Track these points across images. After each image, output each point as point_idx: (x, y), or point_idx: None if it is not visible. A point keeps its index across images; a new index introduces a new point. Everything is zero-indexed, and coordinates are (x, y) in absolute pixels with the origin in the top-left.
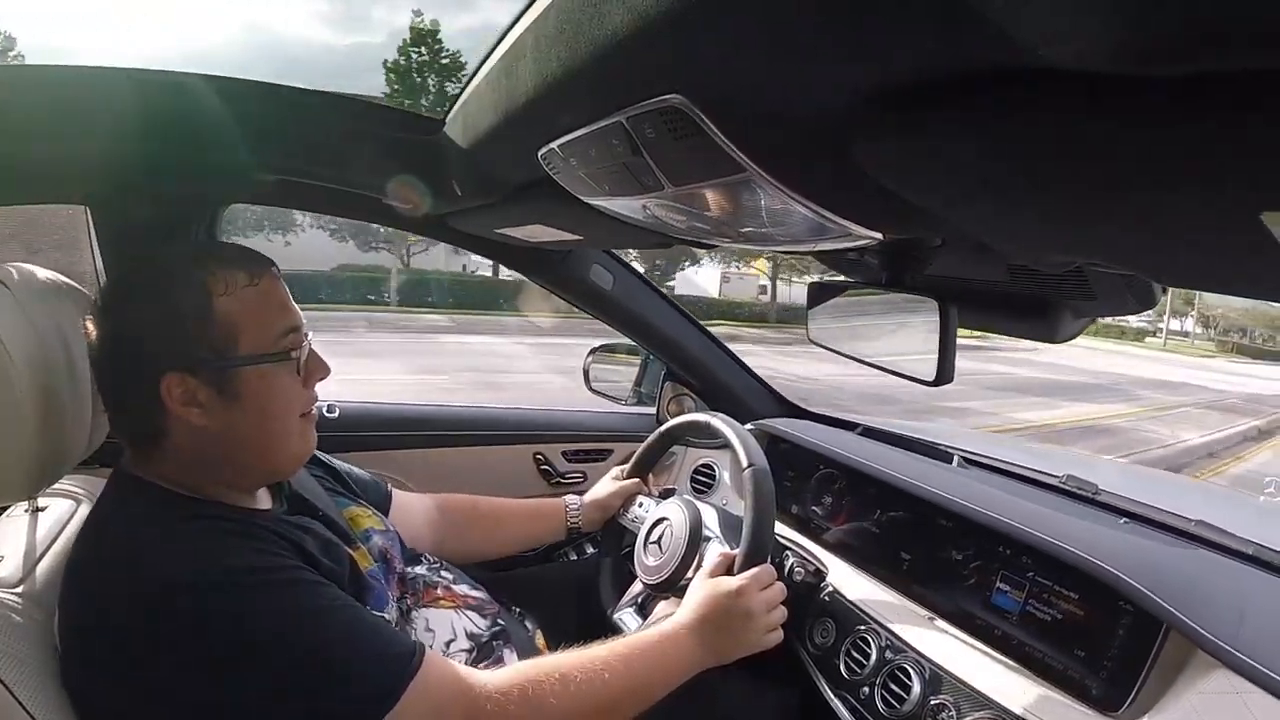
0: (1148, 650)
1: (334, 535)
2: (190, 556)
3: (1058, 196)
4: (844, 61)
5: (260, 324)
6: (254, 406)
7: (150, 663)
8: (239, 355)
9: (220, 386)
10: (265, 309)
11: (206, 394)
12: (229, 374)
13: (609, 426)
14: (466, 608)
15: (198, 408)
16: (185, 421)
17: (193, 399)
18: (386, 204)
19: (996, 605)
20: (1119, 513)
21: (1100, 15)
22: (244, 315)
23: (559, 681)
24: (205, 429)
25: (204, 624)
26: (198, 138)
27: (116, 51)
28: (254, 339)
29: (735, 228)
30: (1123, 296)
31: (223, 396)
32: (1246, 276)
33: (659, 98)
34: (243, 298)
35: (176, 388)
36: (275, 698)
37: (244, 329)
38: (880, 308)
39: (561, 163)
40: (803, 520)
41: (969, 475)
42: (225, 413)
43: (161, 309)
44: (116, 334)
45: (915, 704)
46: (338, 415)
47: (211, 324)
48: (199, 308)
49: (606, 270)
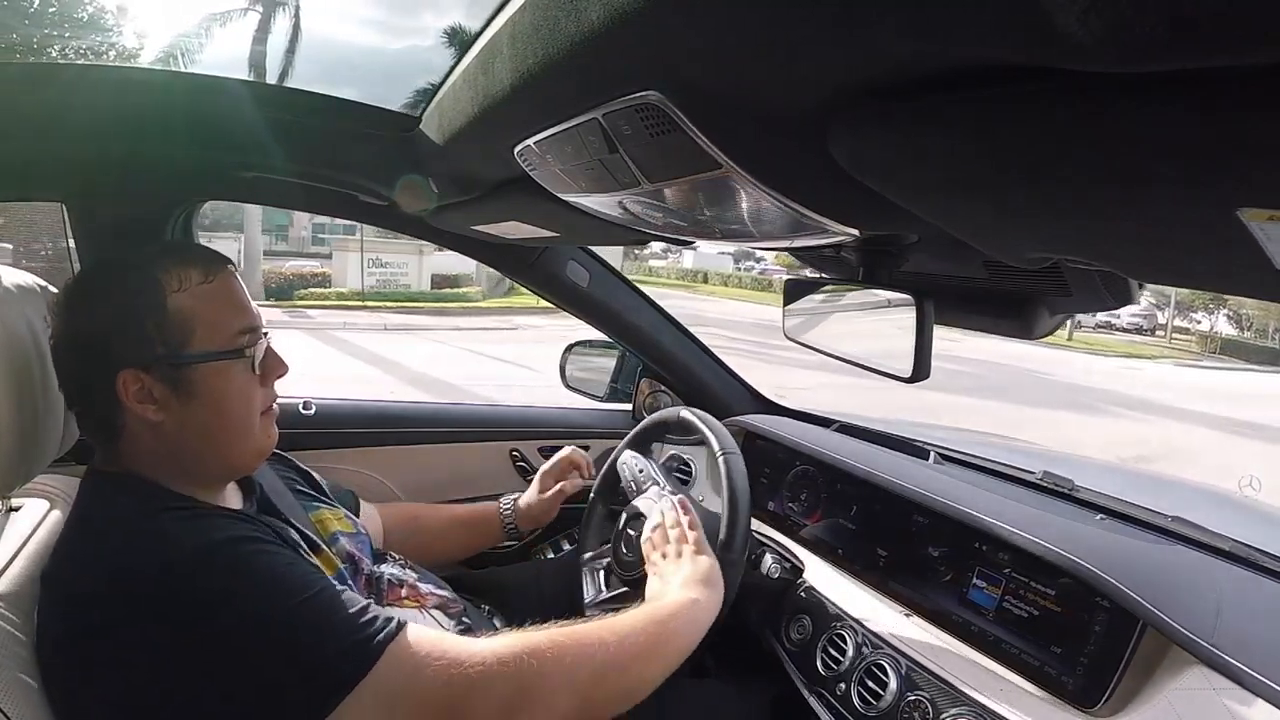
0: (1124, 646)
1: (300, 540)
2: (161, 543)
3: (1034, 193)
4: (822, 58)
5: (215, 321)
6: (210, 403)
7: (128, 654)
8: (193, 352)
9: (175, 383)
10: (220, 307)
11: (161, 390)
12: (184, 371)
13: (585, 423)
14: (432, 606)
15: (153, 404)
16: (142, 418)
17: (148, 396)
18: (363, 201)
19: (973, 601)
20: (1095, 509)
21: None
22: (198, 312)
23: (553, 650)
24: (161, 425)
25: (183, 600)
26: (175, 136)
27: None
28: (208, 336)
29: (712, 224)
30: (1099, 293)
31: (178, 393)
32: (1224, 273)
33: (636, 94)
34: (197, 295)
35: (132, 384)
36: (254, 656)
37: (198, 326)
38: (856, 304)
39: (538, 159)
40: (779, 517)
41: (945, 471)
42: (181, 409)
43: (116, 305)
44: (74, 331)
45: (892, 700)
46: (314, 412)
47: (166, 321)
48: (153, 304)
49: (582, 267)
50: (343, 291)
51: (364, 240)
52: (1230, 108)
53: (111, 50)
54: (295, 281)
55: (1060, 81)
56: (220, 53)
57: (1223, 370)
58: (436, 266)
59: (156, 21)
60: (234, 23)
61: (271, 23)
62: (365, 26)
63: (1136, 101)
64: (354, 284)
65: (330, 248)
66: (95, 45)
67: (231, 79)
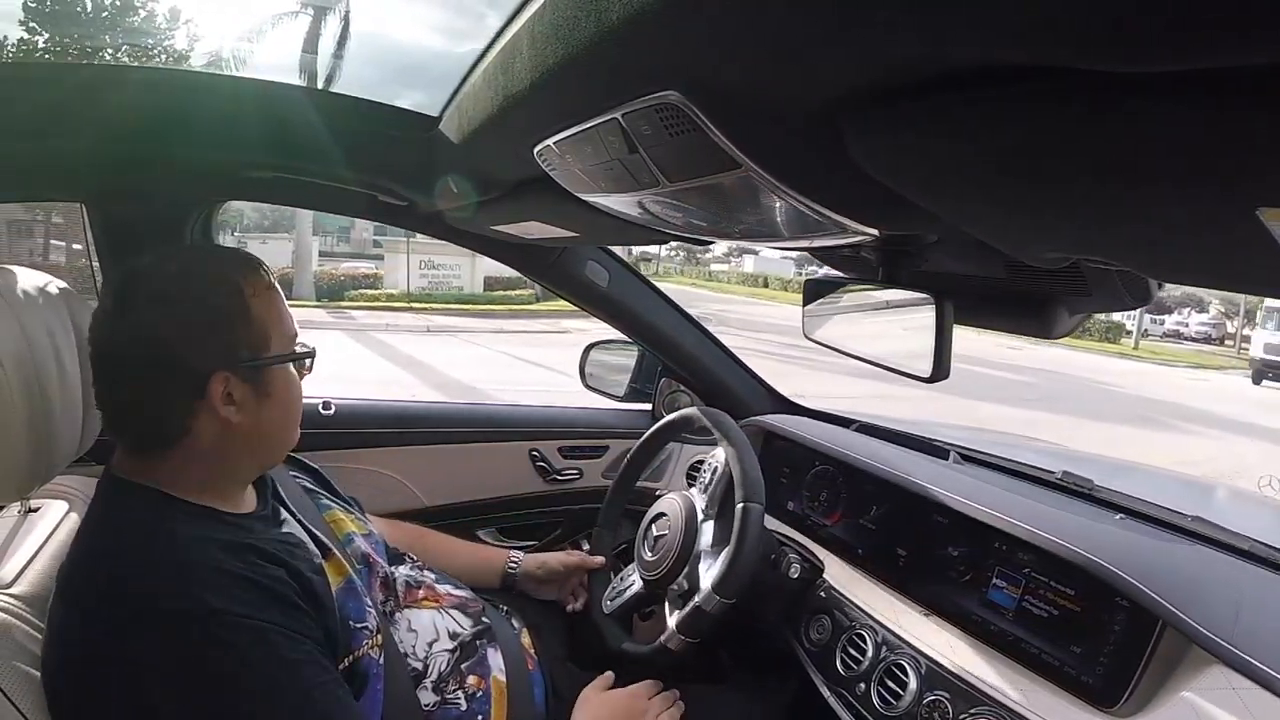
0: (1144, 646)
1: (312, 544)
2: (172, 582)
3: (1050, 192)
4: (837, 58)
5: (282, 325)
6: (280, 403)
7: (117, 682)
8: (271, 355)
9: (256, 386)
10: (282, 311)
11: (243, 392)
12: (263, 374)
13: (605, 423)
14: (450, 607)
15: (234, 406)
16: (219, 420)
17: (231, 398)
18: (383, 201)
19: (992, 601)
20: (1115, 508)
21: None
22: (271, 317)
23: None
24: (237, 426)
25: (164, 661)
26: (194, 136)
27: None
28: (279, 340)
29: (731, 224)
30: (1118, 292)
31: (257, 394)
32: (1242, 272)
33: (656, 94)
34: (266, 300)
35: (220, 386)
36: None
37: (272, 330)
38: (876, 304)
39: (557, 160)
40: (799, 517)
41: (965, 471)
42: (257, 410)
43: (201, 310)
44: (146, 335)
45: (911, 700)
46: (334, 413)
47: (250, 325)
48: (238, 309)
49: (602, 267)
50: (392, 293)
51: (417, 242)
52: (1245, 107)
53: (163, 54)
54: (347, 283)
55: (1074, 80)
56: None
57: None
58: (490, 269)
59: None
60: (287, 26)
61: (322, 26)
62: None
63: (1151, 101)
64: (405, 285)
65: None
66: (148, 48)
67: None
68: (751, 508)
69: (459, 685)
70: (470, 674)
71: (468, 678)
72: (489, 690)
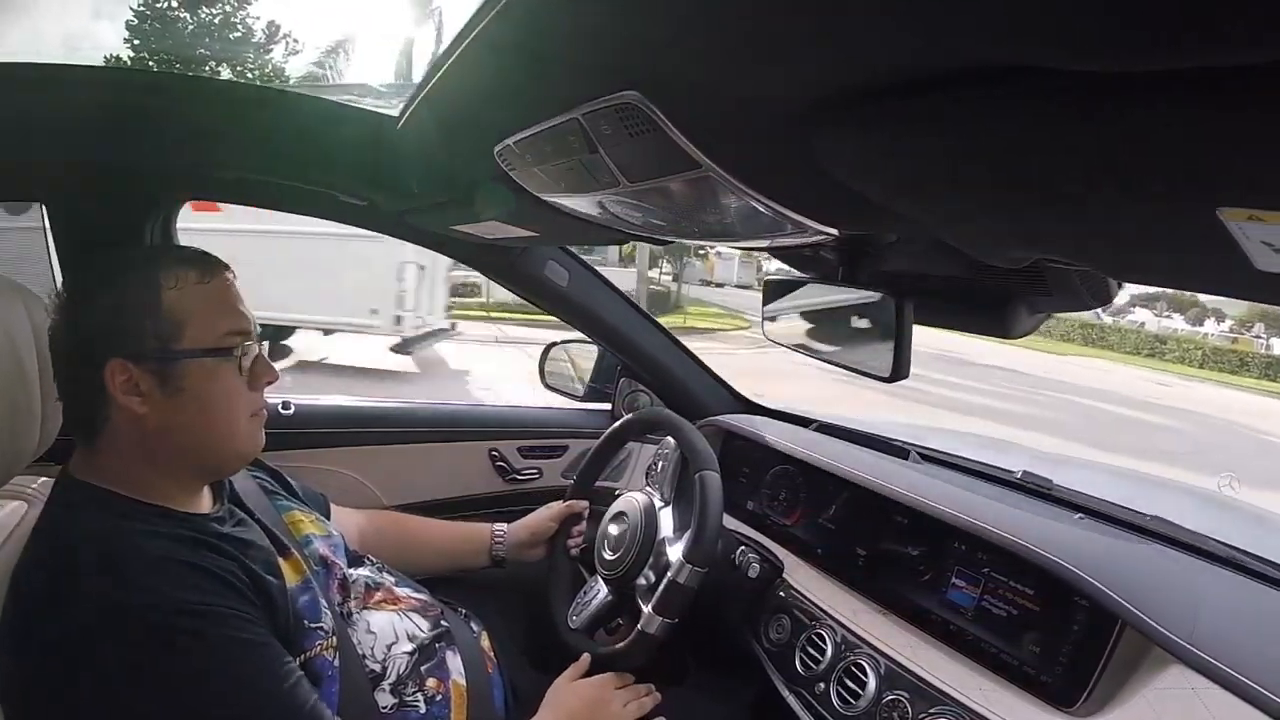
0: (1103, 646)
1: (270, 544)
2: (127, 578)
3: (1012, 193)
4: (800, 59)
5: (205, 321)
6: (194, 400)
7: (70, 686)
8: (182, 348)
9: (163, 377)
10: (212, 307)
11: (149, 383)
12: (171, 366)
13: (564, 423)
14: (409, 610)
15: (139, 396)
16: (127, 410)
17: (134, 387)
18: (343, 200)
19: (952, 601)
20: (1075, 508)
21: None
22: (190, 311)
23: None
24: (146, 419)
25: (125, 656)
26: (154, 136)
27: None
28: (198, 334)
29: (692, 224)
30: (1078, 292)
31: (165, 388)
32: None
33: (616, 94)
34: (191, 294)
35: (120, 374)
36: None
37: (189, 324)
38: (836, 304)
39: (517, 159)
40: (758, 516)
41: (925, 471)
42: (166, 404)
43: (112, 298)
44: (71, 322)
45: (870, 700)
46: (293, 413)
47: (158, 316)
48: (147, 299)
49: (562, 267)
50: (484, 302)
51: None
52: (1208, 107)
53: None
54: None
55: (1037, 82)
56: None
57: None
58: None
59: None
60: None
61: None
62: None
63: (1114, 101)
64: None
65: None
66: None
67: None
68: (707, 474)
69: (418, 688)
70: (429, 677)
71: (427, 680)
72: (448, 694)
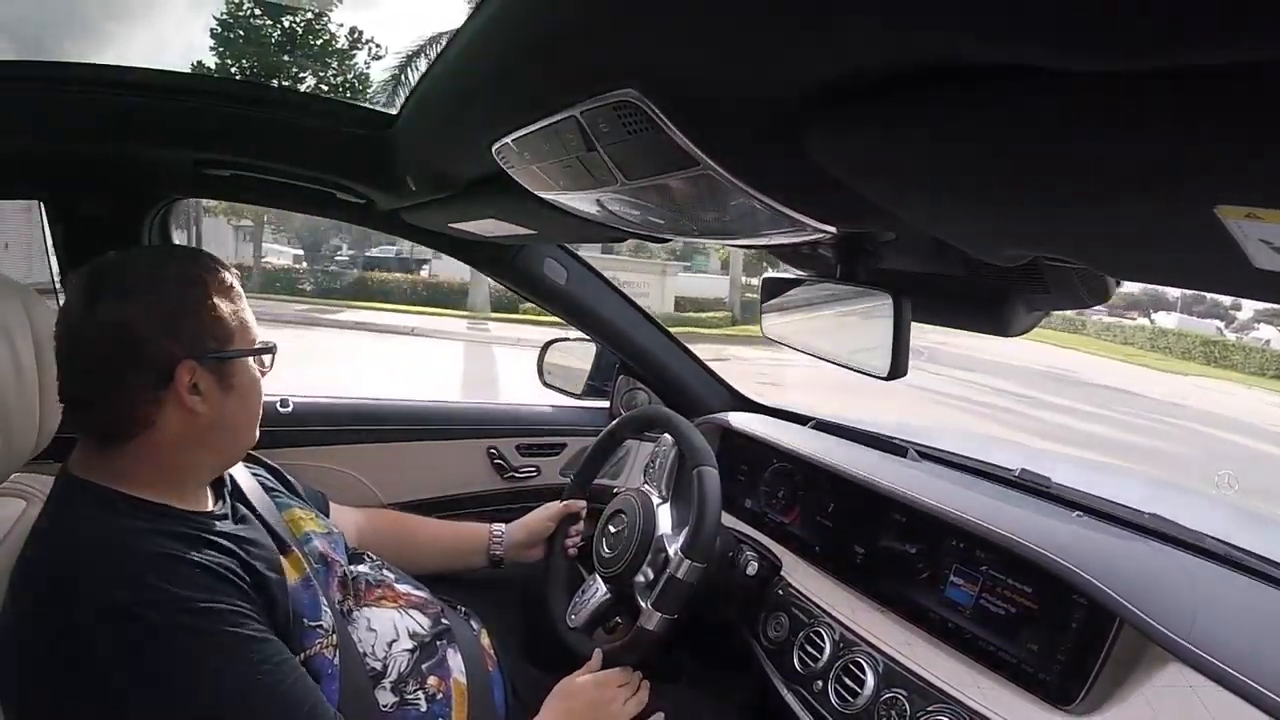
0: (1101, 644)
1: (270, 540)
2: (128, 576)
3: (1009, 191)
4: (799, 55)
5: (245, 322)
6: (242, 396)
7: (70, 685)
8: (235, 348)
9: (220, 376)
10: (244, 309)
11: (208, 382)
12: (228, 365)
13: (563, 421)
14: (410, 607)
15: (199, 396)
16: (184, 410)
17: (197, 388)
18: (341, 199)
19: (950, 599)
20: (1073, 506)
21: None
22: (234, 313)
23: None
24: (202, 417)
25: (127, 654)
26: (152, 134)
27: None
28: (243, 335)
29: (690, 222)
30: (1076, 290)
31: (221, 386)
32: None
33: (614, 92)
34: (231, 296)
35: (186, 375)
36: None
37: (236, 325)
38: (834, 302)
39: (515, 157)
40: (756, 514)
41: (923, 469)
42: (220, 401)
43: (168, 301)
44: (113, 326)
45: (869, 698)
46: (291, 409)
47: (210, 316)
48: (202, 302)
49: (560, 265)
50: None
51: (601, 258)
52: (1205, 106)
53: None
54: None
55: (1033, 80)
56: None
57: None
58: (681, 289)
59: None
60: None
61: None
62: None
63: (1111, 100)
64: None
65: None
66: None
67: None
68: (705, 470)
69: (419, 686)
70: (431, 675)
71: (428, 678)
72: (449, 692)
